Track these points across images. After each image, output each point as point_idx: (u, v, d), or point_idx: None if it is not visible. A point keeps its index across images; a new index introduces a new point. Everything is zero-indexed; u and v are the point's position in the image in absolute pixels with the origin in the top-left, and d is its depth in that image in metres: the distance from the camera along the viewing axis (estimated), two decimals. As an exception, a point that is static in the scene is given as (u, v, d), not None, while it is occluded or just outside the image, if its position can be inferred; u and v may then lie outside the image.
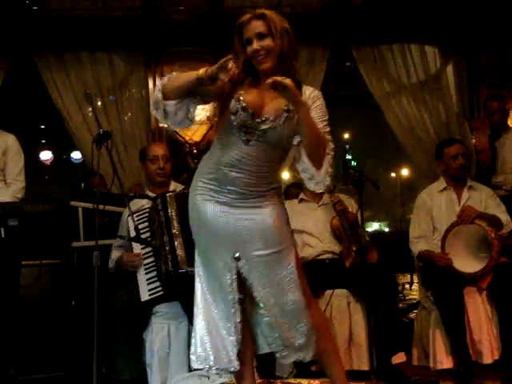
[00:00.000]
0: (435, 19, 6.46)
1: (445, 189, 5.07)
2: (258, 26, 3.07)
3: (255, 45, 3.05)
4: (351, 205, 5.00)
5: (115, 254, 4.48)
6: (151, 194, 4.55)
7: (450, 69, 6.80)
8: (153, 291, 4.18)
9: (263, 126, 3.04)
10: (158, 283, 4.19)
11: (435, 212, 5.03)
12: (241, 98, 3.04)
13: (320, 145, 3.01)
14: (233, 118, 3.04)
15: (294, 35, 3.11)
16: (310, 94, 3.13)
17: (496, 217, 4.84)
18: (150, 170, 4.59)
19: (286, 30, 3.09)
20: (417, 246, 4.96)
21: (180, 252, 4.11)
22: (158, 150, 4.64)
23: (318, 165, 3.02)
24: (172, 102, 3.05)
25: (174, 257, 4.11)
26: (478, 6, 6.22)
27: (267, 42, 3.05)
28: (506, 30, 6.46)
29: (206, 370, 3.30)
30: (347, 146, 7.64)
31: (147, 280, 4.22)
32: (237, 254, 3.11)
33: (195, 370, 4.04)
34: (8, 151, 4.68)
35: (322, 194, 4.90)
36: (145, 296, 4.17)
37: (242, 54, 3.10)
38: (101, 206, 4.05)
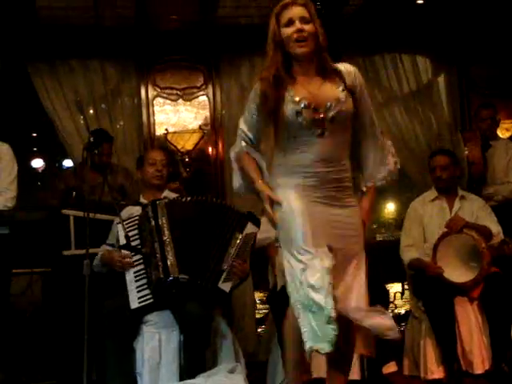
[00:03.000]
0: (427, 29, 6.48)
1: (436, 198, 5.09)
2: (301, 11, 3.10)
3: (298, 25, 3.06)
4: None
5: (101, 253, 4.48)
6: (144, 201, 4.55)
7: (441, 79, 6.83)
8: (142, 299, 4.16)
9: (330, 113, 3.07)
10: (147, 291, 4.17)
11: (426, 221, 5.04)
12: (296, 99, 3.06)
13: None
14: (299, 119, 3.05)
15: None
16: (356, 76, 3.22)
17: (485, 227, 4.85)
18: (147, 173, 4.59)
19: (321, 22, 3.14)
20: (407, 255, 4.97)
21: (171, 259, 4.11)
22: (158, 154, 4.68)
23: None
24: None
25: (164, 264, 4.09)
26: (470, 17, 6.25)
27: (311, 26, 3.08)
28: (497, 42, 6.50)
29: None
30: None
31: (137, 288, 4.20)
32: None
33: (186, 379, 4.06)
34: (1, 160, 4.67)
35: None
36: (134, 304, 4.15)
37: (278, 38, 3.10)
38: (92, 214, 4.06)
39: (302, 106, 3.05)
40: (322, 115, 3.06)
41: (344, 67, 3.23)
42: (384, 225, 8.53)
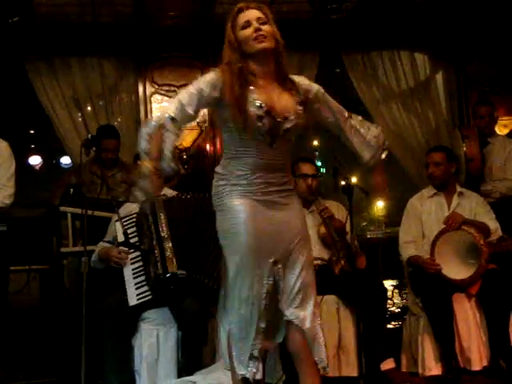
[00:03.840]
0: (425, 26, 6.48)
1: (435, 194, 5.09)
2: (256, 13, 3.15)
3: (256, 24, 3.10)
4: (342, 211, 5.01)
5: (99, 247, 4.48)
6: (142, 197, 4.55)
7: (439, 76, 6.83)
8: (141, 295, 4.16)
9: (287, 125, 3.12)
10: (146, 287, 4.18)
11: (424, 218, 5.04)
12: (257, 103, 3.08)
13: None
14: (259, 124, 3.08)
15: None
16: (309, 88, 3.27)
17: (483, 224, 4.86)
18: None
19: (277, 25, 3.19)
20: (406, 251, 4.96)
21: (169, 255, 4.11)
22: None
23: None
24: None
25: (163, 260, 4.10)
26: (468, 14, 6.25)
27: (267, 26, 3.12)
28: (495, 39, 6.50)
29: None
30: (316, 153, 7.69)
31: (135, 284, 4.21)
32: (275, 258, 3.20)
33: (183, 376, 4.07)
34: (-1, 157, 4.68)
35: (311, 201, 4.90)
36: (133, 300, 4.15)
37: (235, 42, 3.13)
38: (90, 212, 4.06)
39: (264, 112, 3.07)
40: (279, 125, 3.11)
41: (298, 79, 3.26)
42: (374, 222, 8.51)
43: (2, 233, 4.20)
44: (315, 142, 8.66)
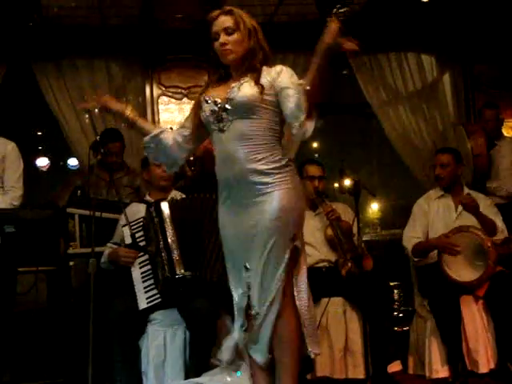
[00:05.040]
0: (432, 28, 6.47)
1: (442, 196, 5.08)
2: (225, 21, 3.17)
3: (222, 38, 3.15)
4: (348, 213, 5.01)
5: (108, 249, 4.49)
6: (149, 199, 4.56)
7: (446, 77, 6.82)
8: (151, 299, 4.18)
9: (228, 105, 3.12)
10: (155, 291, 4.19)
11: (431, 219, 5.03)
12: (202, 98, 3.22)
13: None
14: (202, 113, 3.21)
15: (262, 34, 3.23)
16: (277, 71, 3.19)
17: (491, 220, 4.84)
18: (154, 174, 4.58)
19: (253, 27, 3.20)
20: (410, 242, 4.93)
21: (176, 257, 4.12)
22: None
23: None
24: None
25: (170, 262, 4.11)
26: (475, 16, 6.24)
27: (234, 36, 3.15)
28: (502, 40, 6.48)
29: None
30: (316, 155, 7.63)
31: (145, 288, 4.22)
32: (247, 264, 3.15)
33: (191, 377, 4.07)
34: (7, 158, 4.68)
35: (318, 202, 4.91)
36: (143, 304, 4.17)
37: (212, 52, 3.22)
38: (97, 213, 4.07)
39: (205, 101, 3.19)
40: (220, 107, 3.13)
41: (270, 68, 3.22)
42: (369, 225, 8.48)
43: (10, 234, 4.20)
44: (315, 144, 8.66)
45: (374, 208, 8.60)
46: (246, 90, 3.10)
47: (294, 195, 3.13)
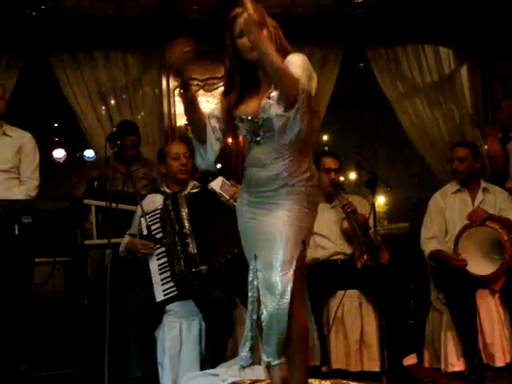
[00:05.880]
0: (450, 20, 6.43)
1: (459, 190, 5.06)
2: None
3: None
4: (364, 206, 5.00)
5: (126, 239, 4.51)
6: (166, 190, 4.58)
7: (464, 70, 6.76)
8: (167, 291, 4.20)
9: (263, 125, 3.07)
10: (172, 283, 4.21)
11: (448, 214, 5.02)
12: (237, 113, 3.14)
13: (281, 78, 2.95)
14: (238, 131, 3.19)
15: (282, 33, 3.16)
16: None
17: (508, 219, 4.83)
18: (172, 167, 4.59)
19: (275, 27, 3.13)
20: (428, 246, 4.95)
21: (192, 251, 4.14)
22: (180, 147, 4.66)
23: (286, 103, 2.95)
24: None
25: (186, 256, 4.13)
26: (493, 8, 6.18)
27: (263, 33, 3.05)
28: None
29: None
30: (326, 148, 7.55)
31: (161, 280, 4.24)
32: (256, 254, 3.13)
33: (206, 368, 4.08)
34: (23, 149, 4.70)
35: (334, 195, 4.91)
36: (160, 297, 4.20)
37: (230, 49, 3.14)
38: (113, 205, 4.08)
39: (240, 120, 3.15)
40: (257, 124, 3.10)
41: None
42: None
43: (27, 225, 4.22)
44: (325, 137, 8.63)
45: (381, 201, 8.56)
46: (277, 110, 3.02)
47: (307, 212, 3.11)
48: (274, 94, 3.03)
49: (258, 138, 3.12)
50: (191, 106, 3.22)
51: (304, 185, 3.10)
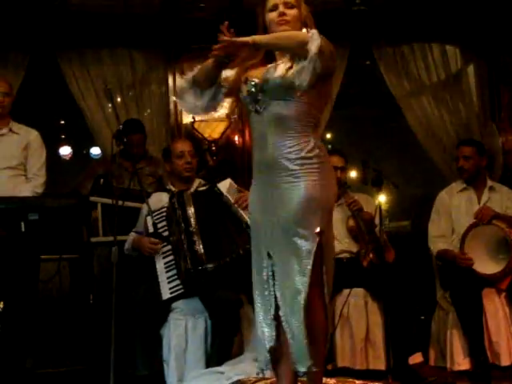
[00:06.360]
0: (457, 18, 6.41)
1: (465, 189, 5.06)
2: None
3: (281, 8, 3.08)
4: (370, 204, 5.00)
5: (132, 235, 4.52)
6: (172, 188, 4.59)
7: (471, 69, 6.74)
8: (173, 289, 4.21)
9: (265, 86, 3.05)
10: (178, 281, 4.22)
11: (454, 212, 5.02)
12: (244, 76, 3.14)
13: (293, 40, 2.98)
14: (240, 94, 3.16)
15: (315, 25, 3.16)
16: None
17: (513, 217, 4.82)
18: (177, 165, 4.59)
19: (309, 14, 3.16)
20: (436, 245, 4.95)
21: (198, 249, 4.14)
22: (185, 145, 4.67)
23: (303, 51, 2.92)
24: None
25: (192, 254, 4.14)
26: (500, 7, 6.17)
27: (294, 11, 3.10)
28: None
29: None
30: (329, 146, 7.51)
31: (168, 278, 4.25)
32: (270, 252, 3.06)
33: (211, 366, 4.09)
34: (30, 146, 4.71)
35: (340, 193, 4.90)
36: (166, 294, 4.20)
37: (261, 21, 3.16)
38: (120, 202, 4.09)
39: (244, 81, 3.13)
40: (257, 88, 3.07)
41: None
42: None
43: (33, 222, 4.23)
44: (328, 135, 8.62)
45: (382, 200, 8.60)
46: (281, 71, 3.02)
47: (322, 187, 3.01)
48: (282, 64, 3.04)
49: (257, 106, 3.07)
50: (212, 73, 3.19)
51: (315, 161, 3.02)
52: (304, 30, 3.02)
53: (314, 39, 2.91)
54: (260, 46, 3.01)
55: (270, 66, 3.10)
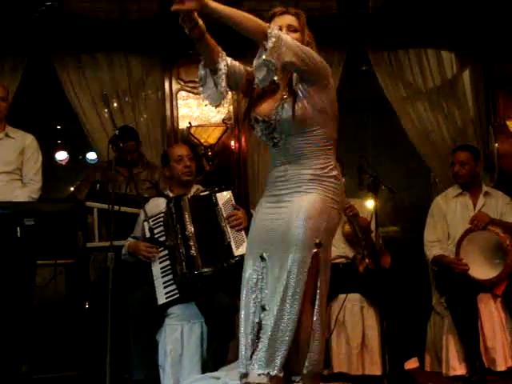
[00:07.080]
0: (452, 24, 6.43)
1: (460, 194, 5.06)
2: (291, 19, 3.15)
3: (284, 30, 3.08)
4: (366, 209, 5.00)
5: (129, 242, 4.52)
6: (169, 193, 4.59)
7: (466, 74, 6.76)
8: (169, 294, 4.21)
9: (277, 126, 3.10)
10: (174, 286, 4.22)
11: (450, 217, 5.03)
12: (253, 114, 3.18)
13: (253, 22, 2.98)
14: (254, 132, 3.23)
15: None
16: None
17: (510, 224, 4.83)
18: (176, 170, 4.59)
19: (311, 38, 3.19)
20: (431, 251, 4.95)
21: (194, 253, 4.14)
22: (183, 150, 4.67)
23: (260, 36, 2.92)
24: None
25: (188, 259, 4.13)
26: (495, 12, 6.19)
27: (296, 34, 3.11)
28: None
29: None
30: None
31: (163, 283, 4.25)
32: (264, 254, 3.13)
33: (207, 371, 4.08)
34: (26, 151, 4.71)
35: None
36: (162, 299, 4.20)
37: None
38: (116, 207, 4.09)
39: (255, 120, 3.17)
40: (268, 126, 3.13)
41: None
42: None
43: (29, 227, 4.23)
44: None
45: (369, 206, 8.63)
46: (290, 108, 3.05)
47: (325, 204, 3.06)
48: (286, 96, 3.07)
49: (274, 140, 3.15)
50: (202, 44, 3.25)
51: (331, 181, 3.10)
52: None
53: (271, 35, 2.88)
54: (210, 8, 2.96)
55: (276, 102, 3.12)
